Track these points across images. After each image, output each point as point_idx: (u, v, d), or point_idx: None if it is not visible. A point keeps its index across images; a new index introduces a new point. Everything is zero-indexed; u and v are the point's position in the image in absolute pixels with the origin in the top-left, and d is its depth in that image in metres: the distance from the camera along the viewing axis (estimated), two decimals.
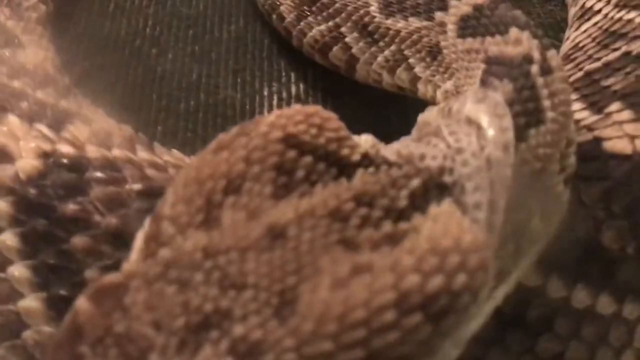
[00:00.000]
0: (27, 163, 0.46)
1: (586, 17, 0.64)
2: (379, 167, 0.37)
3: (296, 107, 0.39)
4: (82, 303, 0.34)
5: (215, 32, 0.74)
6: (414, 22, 0.55)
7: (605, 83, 0.54)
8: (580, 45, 0.60)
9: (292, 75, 0.69)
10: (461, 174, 0.37)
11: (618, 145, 0.48)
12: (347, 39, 0.61)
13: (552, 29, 0.72)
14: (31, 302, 0.44)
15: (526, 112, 0.40)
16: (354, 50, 0.61)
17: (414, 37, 0.55)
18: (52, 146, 0.47)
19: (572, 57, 0.59)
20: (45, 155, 0.46)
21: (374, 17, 0.58)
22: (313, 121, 0.38)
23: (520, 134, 0.39)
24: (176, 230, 0.35)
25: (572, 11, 0.68)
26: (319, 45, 0.64)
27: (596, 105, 0.52)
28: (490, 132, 0.38)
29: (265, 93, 0.68)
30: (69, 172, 0.45)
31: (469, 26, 0.49)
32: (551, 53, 0.44)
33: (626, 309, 0.46)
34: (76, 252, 0.44)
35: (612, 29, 0.60)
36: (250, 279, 0.33)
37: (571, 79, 0.55)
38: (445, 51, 0.52)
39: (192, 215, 0.36)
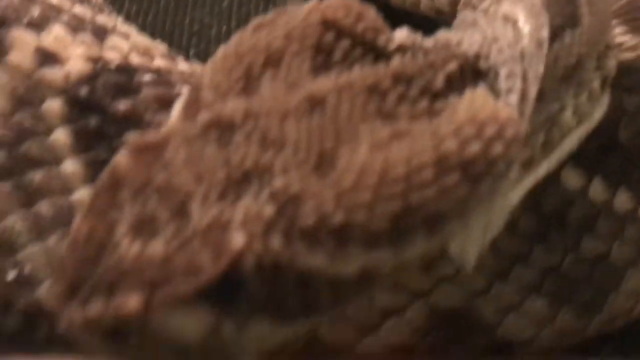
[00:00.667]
0: (77, 65, 0.50)
1: None
2: (416, 54, 0.42)
3: None
4: (121, 157, 0.37)
5: None
6: None
7: None
8: None
9: None
10: (496, 60, 0.42)
11: None
12: None
13: None
14: (83, 195, 0.49)
15: (563, 14, 0.45)
16: None
17: None
18: (99, 52, 0.52)
19: None
20: (93, 60, 0.51)
21: None
22: (351, 9, 0.42)
23: (555, 34, 0.44)
24: (216, 96, 0.39)
25: None
26: None
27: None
28: (526, 28, 0.43)
29: None
30: (118, 75, 0.50)
31: None
32: None
33: None
34: None
35: None
36: (290, 140, 0.37)
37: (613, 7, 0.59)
38: None
39: (231, 83, 0.39)
